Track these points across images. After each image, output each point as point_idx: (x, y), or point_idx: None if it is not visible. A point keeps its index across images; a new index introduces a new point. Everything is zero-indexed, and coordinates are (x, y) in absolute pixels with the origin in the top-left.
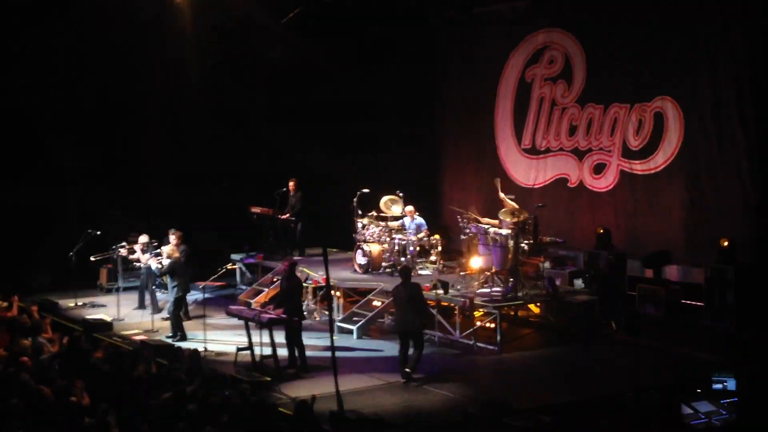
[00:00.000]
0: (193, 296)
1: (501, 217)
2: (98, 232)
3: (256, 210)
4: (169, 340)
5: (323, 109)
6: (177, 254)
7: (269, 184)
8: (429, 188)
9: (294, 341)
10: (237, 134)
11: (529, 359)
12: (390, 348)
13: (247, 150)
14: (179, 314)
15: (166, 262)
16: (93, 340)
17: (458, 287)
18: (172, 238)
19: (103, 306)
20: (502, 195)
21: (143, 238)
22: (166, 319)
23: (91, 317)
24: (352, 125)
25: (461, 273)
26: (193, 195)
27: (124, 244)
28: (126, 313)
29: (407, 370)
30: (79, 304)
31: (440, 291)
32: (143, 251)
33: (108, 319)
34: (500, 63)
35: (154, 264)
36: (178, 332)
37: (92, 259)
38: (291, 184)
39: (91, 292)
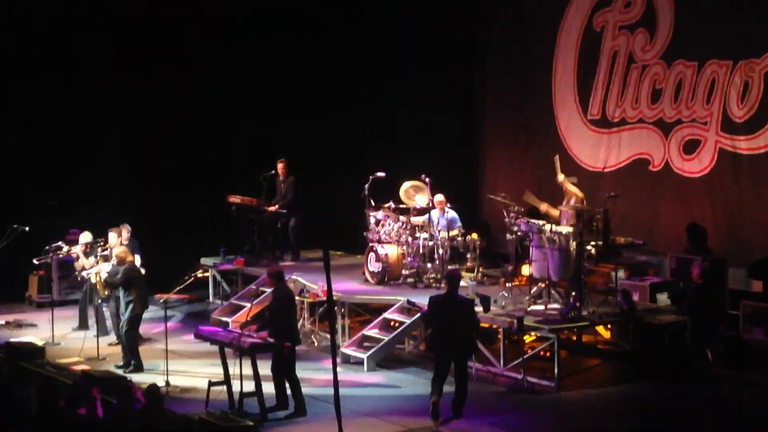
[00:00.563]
0: (149, 313)
1: (561, 210)
2: (26, 228)
3: (235, 200)
4: (120, 371)
5: (323, 73)
6: (130, 257)
7: (253, 166)
8: (464, 172)
9: (285, 374)
10: (214, 103)
11: (597, 399)
12: (412, 383)
13: (223, 123)
14: (135, 337)
15: (112, 268)
16: (18, 372)
17: (503, 303)
18: (124, 235)
19: (32, 326)
20: (562, 178)
21: (85, 237)
22: (116, 343)
23: (17, 340)
24: (364, 90)
25: (507, 284)
26: (152, 180)
27: (60, 244)
28: (63, 335)
29: (443, 418)
30: (0, 323)
31: (479, 308)
32: (86, 254)
33: (39, 342)
34: (560, 6)
35: (104, 272)
36: (132, 361)
37: (35, 261)
38: (280, 166)
39: (17, 307)
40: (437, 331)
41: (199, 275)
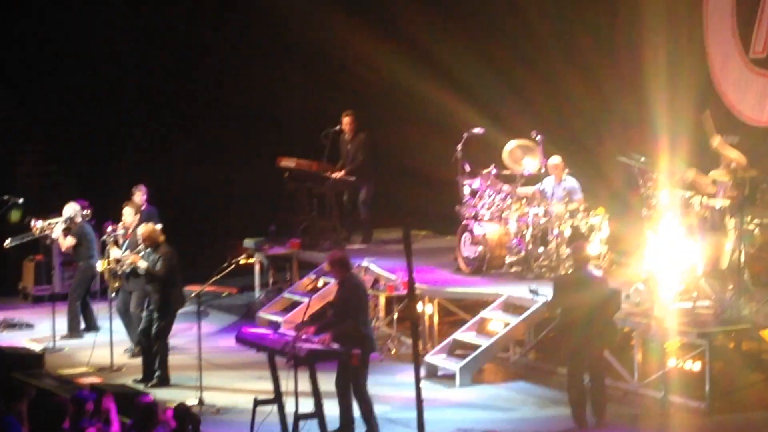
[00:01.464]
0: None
1: (714, 178)
2: (20, 200)
3: (288, 164)
4: (140, 386)
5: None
6: (162, 237)
7: (311, 121)
8: (585, 128)
9: (353, 390)
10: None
11: (762, 427)
12: (519, 403)
13: (273, 63)
14: (166, 344)
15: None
16: (11, 384)
17: (637, 300)
18: (137, 200)
19: (28, 326)
20: (718, 141)
21: (69, 209)
22: (137, 354)
23: (8, 344)
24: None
25: (642, 274)
26: (178, 138)
27: (33, 222)
28: (68, 339)
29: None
30: None
31: None
32: (69, 231)
33: (37, 348)
34: None
35: (139, 260)
36: (157, 372)
37: (6, 244)
38: (346, 120)
39: (8, 301)
40: (566, 318)
41: (242, 262)
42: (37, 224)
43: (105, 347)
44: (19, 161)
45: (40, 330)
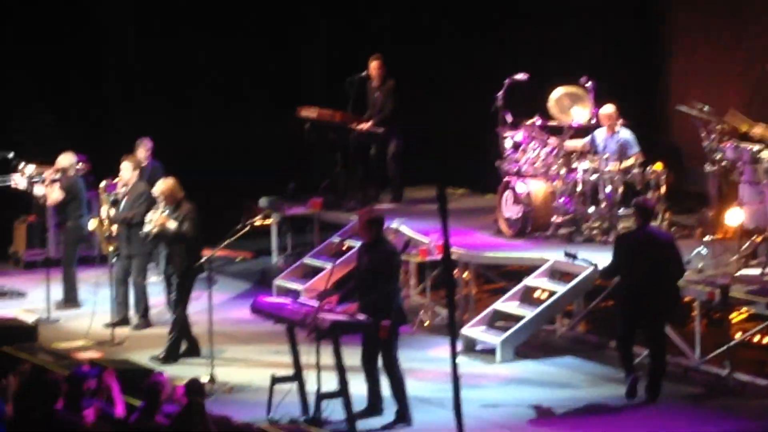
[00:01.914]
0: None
1: None
2: (10, 155)
3: (309, 114)
4: (156, 364)
5: None
6: (182, 193)
7: (335, 66)
8: (641, 73)
9: (383, 365)
10: None
11: None
12: (566, 380)
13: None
14: (186, 317)
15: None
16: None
17: (699, 265)
18: (141, 154)
19: (19, 294)
20: None
21: (65, 159)
22: (142, 325)
23: None
24: None
25: (705, 238)
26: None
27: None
28: (63, 309)
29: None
30: None
31: None
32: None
33: (29, 319)
34: None
35: (168, 221)
36: (168, 344)
37: None
38: (374, 65)
39: None
40: (627, 279)
41: (258, 223)
42: (26, 169)
43: (105, 318)
44: (11, 113)
45: (32, 299)
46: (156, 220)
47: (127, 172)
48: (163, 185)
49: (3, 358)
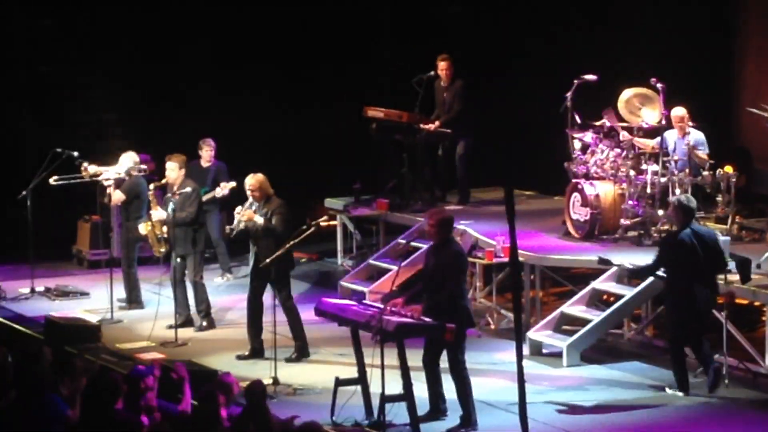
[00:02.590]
0: (244, 280)
1: None
2: (75, 153)
3: (376, 114)
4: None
5: None
6: (270, 189)
7: (402, 66)
8: (712, 75)
9: (450, 368)
10: None
11: None
12: (635, 385)
13: None
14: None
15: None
16: (62, 359)
17: None
18: (205, 154)
19: (83, 294)
20: None
21: (127, 159)
22: (205, 326)
23: (61, 315)
24: None
25: None
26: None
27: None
28: (126, 309)
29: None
30: (38, 290)
31: (734, 276)
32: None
33: (93, 319)
34: None
35: (255, 216)
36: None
37: (52, 181)
38: (442, 65)
39: (62, 266)
40: (678, 279)
41: (323, 224)
42: (90, 168)
43: (169, 319)
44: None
45: (96, 299)
46: (243, 214)
47: (173, 172)
48: (252, 180)
49: (65, 357)
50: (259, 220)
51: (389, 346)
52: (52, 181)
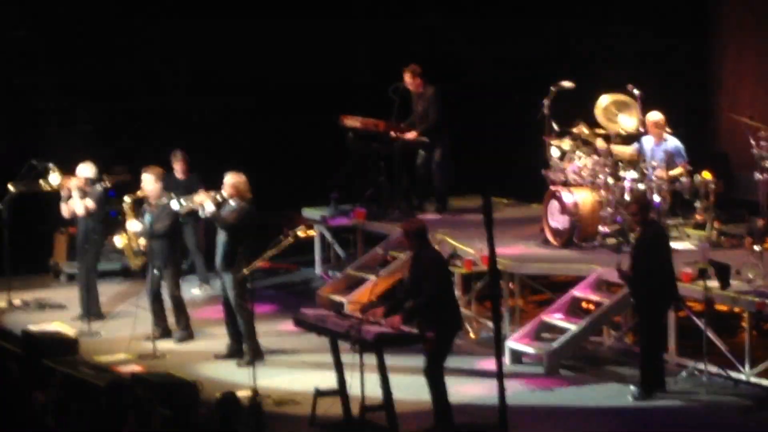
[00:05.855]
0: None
1: None
2: (49, 164)
3: (352, 123)
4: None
5: None
6: (250, 194)
7: (379, 74)
8: (690, 81)
9: (426, 379)
10: None
11: None
12: (619, 390)
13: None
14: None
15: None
16: (39, 372)
17: (749, 276)
18: (178, 167)
19: (60, 307)
20: None
21: (85, 169)
22: (184, 337)
23: (38, 328)
24: None
25: (756, 247)
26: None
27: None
28: (104, 322)
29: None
30: (15, 303)
31: (712, 281)
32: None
33: (70, 332)
34: None
35: (207, 201)
36: (251, 347)
37: (10, 185)
38: (406, 77)
39: (38, 279)
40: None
41: (300, 234)
42: (52, 179)
43: (146, 330)
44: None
45: (73, 311)
46: (198, 198)
47: (150, 184)
48: (232, 178)
49: (44, 370)
50: (210, 207)
51: (369, 356)
52: (10, 185)
